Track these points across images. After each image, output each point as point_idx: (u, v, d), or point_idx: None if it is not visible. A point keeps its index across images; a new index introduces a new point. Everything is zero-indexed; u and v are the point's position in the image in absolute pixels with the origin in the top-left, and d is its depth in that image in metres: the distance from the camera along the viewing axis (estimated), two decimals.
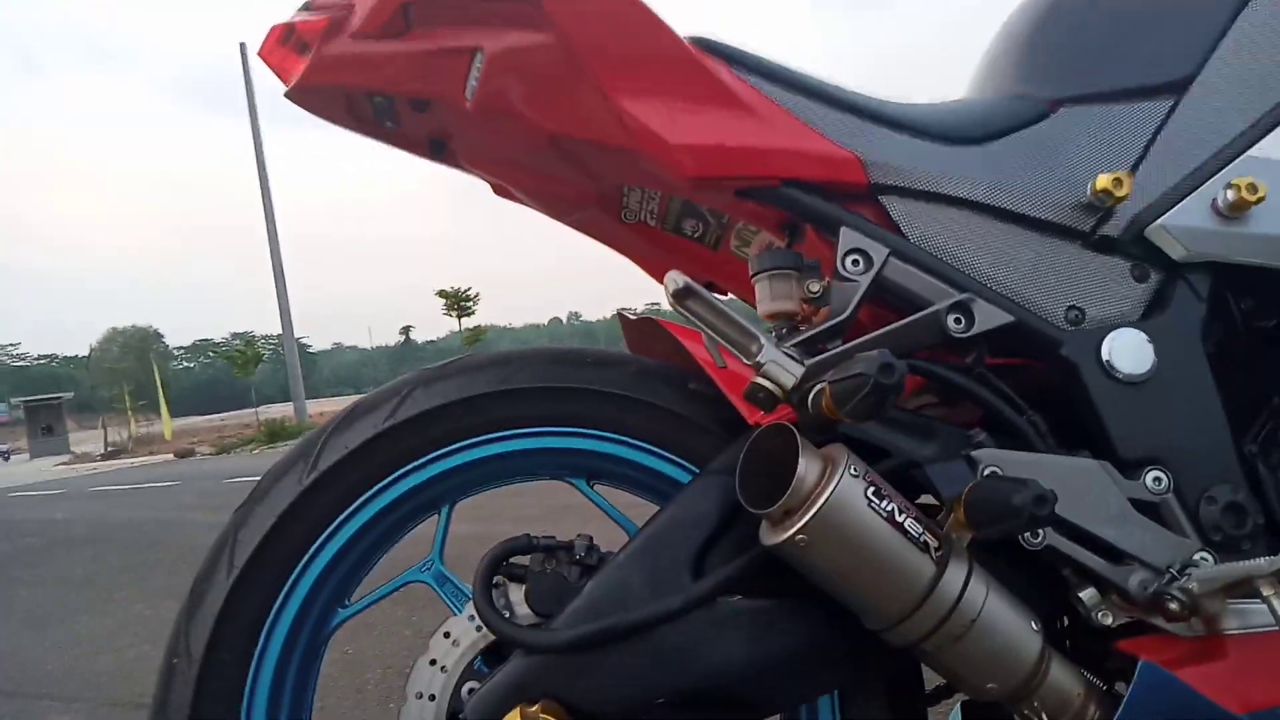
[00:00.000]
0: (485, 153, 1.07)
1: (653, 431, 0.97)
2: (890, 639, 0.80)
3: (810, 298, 0.93)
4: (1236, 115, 0.94)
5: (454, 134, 1.05)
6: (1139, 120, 0.97)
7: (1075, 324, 0.92)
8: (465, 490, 1.00)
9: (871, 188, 0.93)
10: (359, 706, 2.31)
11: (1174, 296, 0.93)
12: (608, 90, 0.89)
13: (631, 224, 1.15)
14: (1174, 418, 0.88)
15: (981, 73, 1.15)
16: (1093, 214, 0.93)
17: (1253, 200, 0.88)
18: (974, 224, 0.94)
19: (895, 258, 0.91)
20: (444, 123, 1.02)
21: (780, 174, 0.92)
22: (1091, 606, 0.84)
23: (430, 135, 1.08)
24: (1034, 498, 0.72)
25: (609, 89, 0.89)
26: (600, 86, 0.89)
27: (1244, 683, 0.83)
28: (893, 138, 0.95)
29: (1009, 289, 0.92)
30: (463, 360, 1.00)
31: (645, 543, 0.86)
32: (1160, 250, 0.93)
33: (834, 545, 0.75)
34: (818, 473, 0.76)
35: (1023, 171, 0.95)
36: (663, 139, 0.89)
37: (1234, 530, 0.85)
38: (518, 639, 0.81)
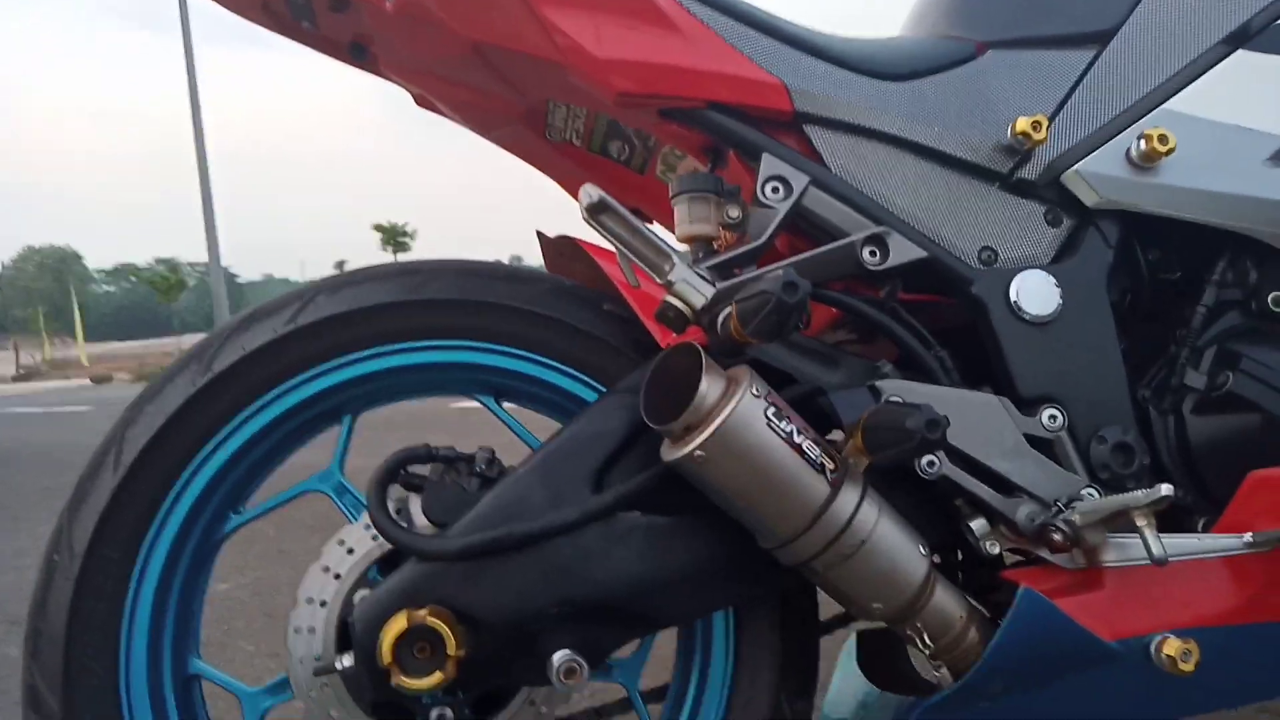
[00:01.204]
0: (406, 60, 1.03)
1: (564, 351, 0.96)
2: (782, 557, 0.81)
3: (729, 223, 0.92)
4: (1155, 68, 0.96)
5: (375, 38, 1.01)
6: (1062, 68, 0.98)
7: (988, 264, 0.93)
8: (369, 401, 0.98)
9: (796, 116, 0.92)
10: (267, 630, 2.28)
11: (1084, 242, 0.94)
12: (539, 6, 0.86)
13: (556, 143, 1.12)
14: (1074, 360, 0.90)
15: (915, 13, 1.14)
16: (1011, 156, 0.94)
17: (1163, 151, 0.89)
18: (895, 159, 0.94)
19: (815, 187, 0.91)
20: (364, 25, 0.98)
21: (705, 96, 0.90)
22: (981, 536, 0.87)
23: (352, 39, 1.04)
24: (926, 421, 0.73)
25: (541, 6, 0.86)
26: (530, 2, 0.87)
27: (1117, 613, 0.86)
28: (820, 68, 0.94)
29: (925, 225, 0.93)
30: (371, 268, 0.97)
31: (546, 457, 0.85)
32: (1074, 196, 0.94)
33: (731, 462, 0.76)
34: (720, 391, 0.76)
35: (946, 110, 0.95)
36: (588, 53, 0.87)
37: (1121, 469, 0.88)
38: (409, 545, 0.80)
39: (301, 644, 0.87)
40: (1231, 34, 0.95)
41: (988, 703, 0.86)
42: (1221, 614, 0.87)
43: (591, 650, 0.83)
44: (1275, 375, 0.89)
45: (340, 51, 1.05)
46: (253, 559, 3.00)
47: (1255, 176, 0.91)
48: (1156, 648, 0.85)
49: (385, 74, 1.07)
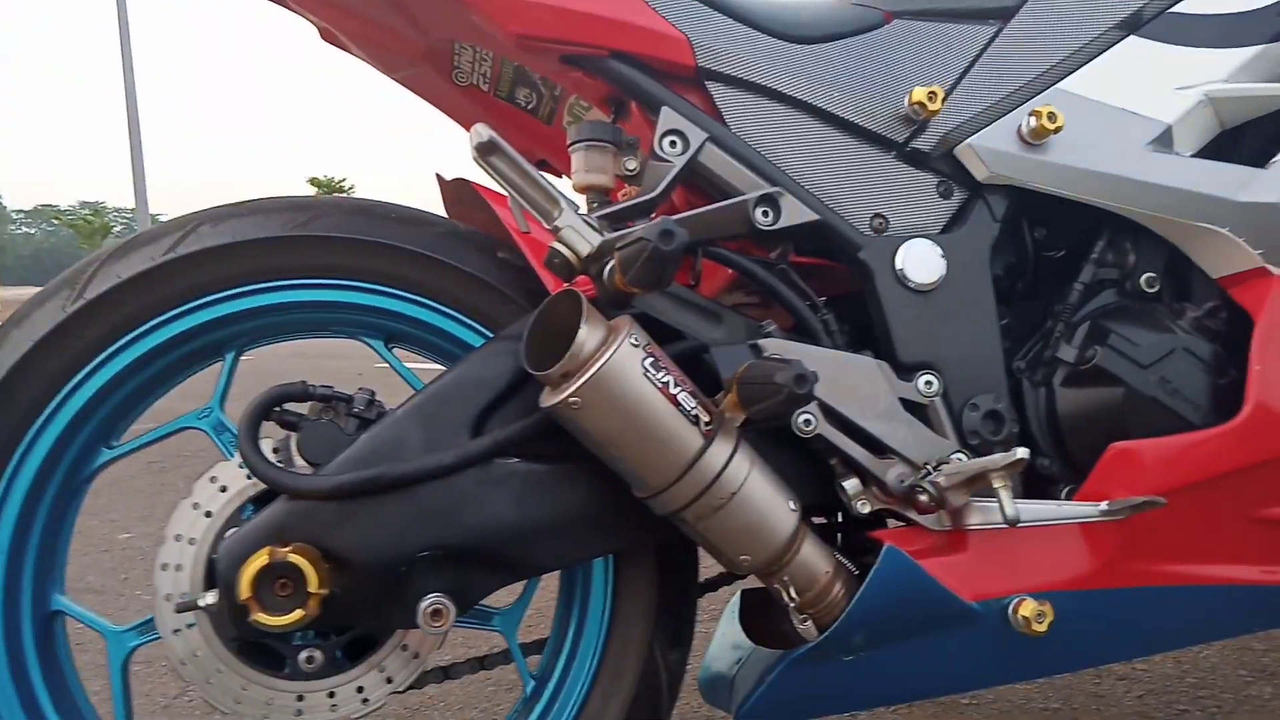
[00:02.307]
0: None
1: (455, 296, 0.94)
2: (655, 506, 0.82)
3: (626, 175, 0.92)
4: (1052, 48, 0.98)
5: None
6: (964, 42, 0.99)
7: (879, 230, 0.94)
8: (253, 338, 0.96)
9: (699, 71, 0.92)
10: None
11: (973, 215, 0.96)
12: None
13: (463, 86, 1.10)
14: (953, 329, 0.93)
15: None
16: (908, 126, 0.95)
17: (1051, 129, 0.92)
18: (795, 121, 0.95)
19: (713, 144, 0.91)
20: None
21: (608, 44, 0.90)
22: (853, 495, 0.89)
23: None
24: (795, 376, 0.74)
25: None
26: None
27: (978, 574, 0.89)
28: (727, 25, 0.94)
29: (819, 189, 0.94)
30: (260, 200, 0.95)
31: (426, 399, 0.84)
32: (966, 169, 0.96)
33: (606, 410, 0.76)
34: (598, 340, 0.76)
35: (848, 76, 0.96)
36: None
37: (990, 435, 0.91)
38: (278, 482, 0.79)
39: (168, 581, 0.85)
40: (1125, 20, 0.98)
41: (850, 657, 0.88)
42: (1076, 578, 0.91)
43: (462, 594, 0.83)
44: (1140, 352, 0.93)
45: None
46: (159, 509, 2.93)
47: (1137, 159, 0.94)
48: (1013, 609, 0.88)
49: (286, 2, 1.03)
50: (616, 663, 0.96)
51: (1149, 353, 0.93)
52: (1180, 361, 0.93)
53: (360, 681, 0.88)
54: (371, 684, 0.88)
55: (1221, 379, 0.94)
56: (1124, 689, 1.49)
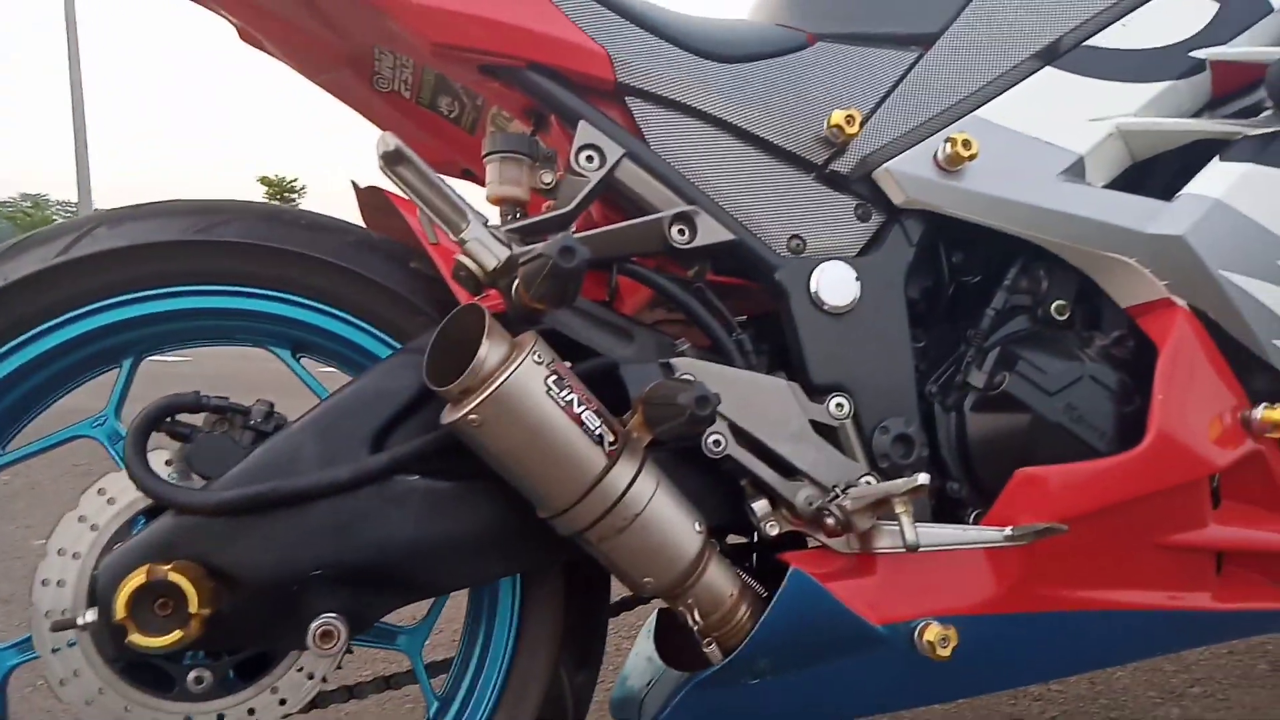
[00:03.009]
0: None
1: (363, 306, 0.92)
2: (558, 527, 0.80)
3: (542, 188, 0.91)
4: (971, 75, 0.99)
5: None
6: (886, 66, 1.00)
7: (796, 252, 0.94)
8: (152, 345, 0.92)
9: (618, 86, 0.91)
10: None
11: (889, 238, 0.97)
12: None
13: (385, 93, 1.08)
14: (865, 351, 0.93)
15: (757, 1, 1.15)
16: (827, 148, 0.95)
17: (966, 156, 0.92)
18: (715, 140, 0.94)
19: (630, 160, 0.90)
20: None
21: (526, 56, 0.89)
22: (762, 517, 0.88)
23: None
24: (697, 398, 0.74)
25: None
26: None
27: (885, 598, 0.89)
28: (648, 40, 0.93)
29: (737, 209, 0.93)
30: (163, 203, 0.92)
31: (325, 413, 0.82)
32: (884, 193, 0.96)
33: (506, 428, 0.74)
34: (500, 356, 0.75)
35: (769, 97, 0.96)
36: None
37: (900, 459, 0.91)
38: (163, 496, 0.76)
39: (48, 597, 0.81)
40: (1042, 50, 0.99)
41: (756, 680, 0.88)
42: (982, 602, 0.91)
43: (357, 615, 0.81)
44: (1047, 379, 0.94)
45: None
46: None
47: (1049, 188, 0.95)
48: (919, 633, 0.88)
49: (205, 2, 1.00)
50: (521, 684, 0.94)
51: (1056, 380, 0.94)
52: (1086, 389, 0.94)
53: (252, 703, 0.84)
54: (264, 705, 0.85)
55: (1127, 407, 0.95)
56: (1039, 709, 1.51)
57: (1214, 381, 0.95)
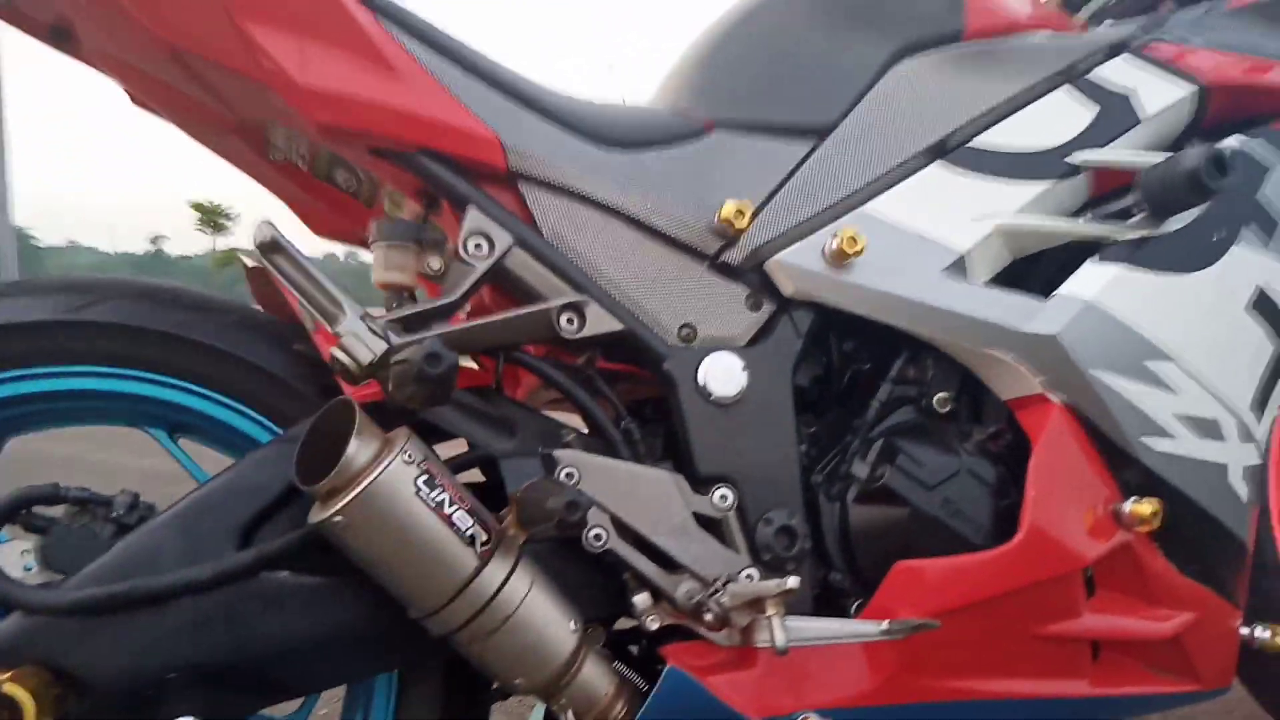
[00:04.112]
0: (109, 52, 0.95)
1: (243, 389, 0.90)
2: (430, 627, 0.79)
3: (430, 274, 0.90)
4: (862, 169, 1.01)
5: (75, 23, 0.93)
6: (780, 157, 1.02)
7: (687, 341, 0.95)
8: (21, 425, 0.89)
9: (510, 173, 0.91)
10: None
11: (779, 329, 0.98)
12: (234, 11, 0.82)
13: (279, 163, 1.06)
14: (751, 442, 0.93)
15: (660, 84, 1.16)
16: (719, 239, 0.97)
17: (852, 252, 0.94)
18: (607, 228, 0.95)
19: (520, 247, 0.90)
20: (63, 8, 0.90)
21: (416, 141, 0.88)
22: (642, 611, 0.88)
23: (54, 20, 0.95)
24: (567, 503, 0.73)
25: (235, 9, 0.82)
26: (231, 14, 0.82)
27: (764, 692, 0.89)
28: (541, 127, 0.94)
29: (629, 297, 0.94)
30: (34, 280, 0.89)
31: (191, 506, 0.80)
32: (775, 284, 0.98)
33: (372, 530, 0.73)
34: (370, 454, 0.74)
35: (664, 185, 0.97)
36: (290, 77, 0.83)
37: (783, 551, 0.92)
38: (8, 596, 0.73)
39: None
40: (931, 146, 1.02)
41: None
42: (859, 695, 0.92)
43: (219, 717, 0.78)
44: (925, 472, 0.96)
45: (41, 32, 0.96)
46: None
47: (932, 285, 0.97)
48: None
49: (92, 63, 0.98)
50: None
51: (934, 474, 0.96)
52: (963, 483, 0.96)
53: None
54: None
55: (1003, 501, 0.97)
56: None
57: (1086, 476, 0.97)
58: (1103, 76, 1.05)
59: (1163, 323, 0.98)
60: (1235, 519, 1.03)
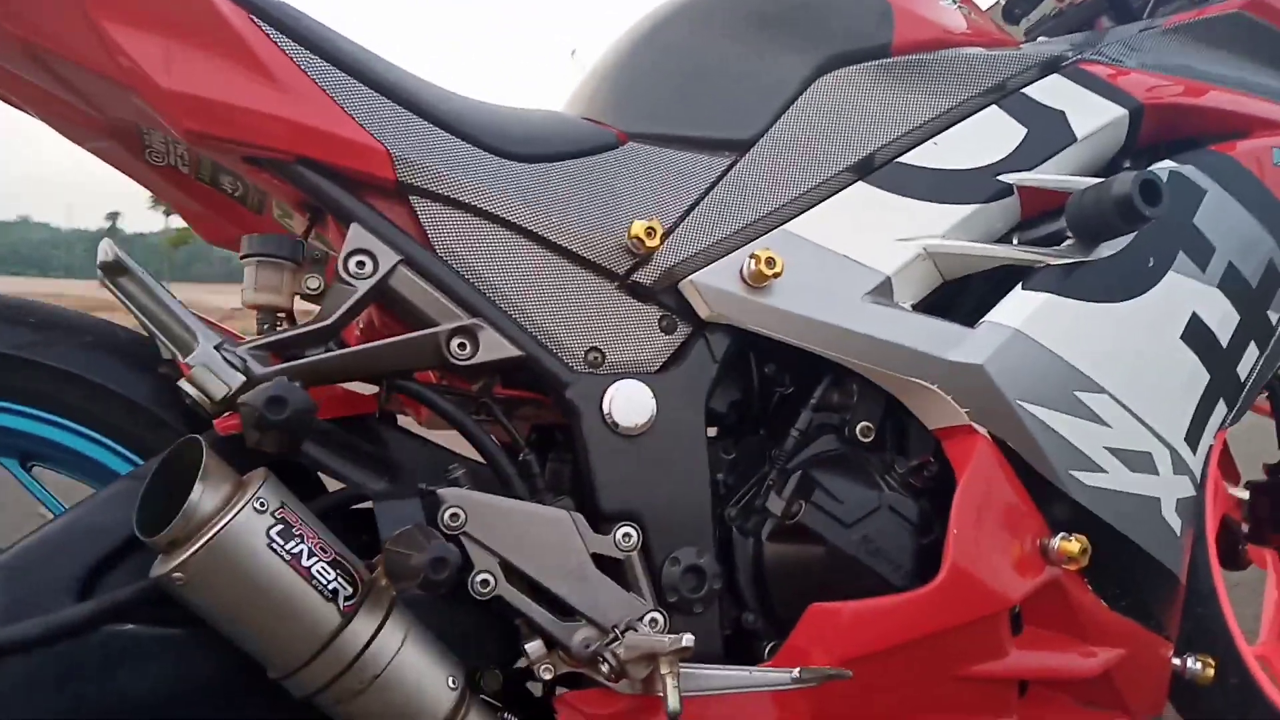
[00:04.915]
0: None
1: (98, 417, 0.82)
2: (290, 688, 0.72)
3: (308, 294, 0.83)
4: (783, 186, 0.95)
5: None
6: (698, 172, 0.95)
7: (594, 365, 0.88)
8: None
9: (400, 185, 0.84)
10: None
11: (694, 352, 0.92)
12: (90, 6, 0.74)
13: (160, 167, 0.98)
14: (658, 477, 0.87)
15: (574, 91, 1.10)
16: (630, 257, 0.90)
17: (770, 274, 0.88)
18: (508, 245, 0.88)
19: (407, 266, 0.83)
20: None
21: (294, 150, 0.81)
22: (536, 659, 0.81)
23: None
24: (431, 560, 0.67)
25: (91, 5, 0.74)
26: (85, 5, 0.74)
27: None
28: (436, 137, 0.87)
29: (529, 320, 0.87)
30: None
31: (24, 553, 0.72)
32: (690, 305, 0.91)
33: (219, 587, 0.66)
34: (217, 502, 0.66)
35: (571, 201, 0.90)
36: (153, 81, 0.76)
37: (690, 593, 0.86)
38: None
39: None
40: (856, 164, 0.96)
41: None
42: None
43: None
44: (843, 509, 0.90)
45: None
46: None
47: (855, 309, 0.91)
48: None
49: None
50: None
51: (852, 511, 0.90)
52: (883, 521, 0.91)
53: None
54: None
55: (925, 539, 0.92)
56: None
57: (1012, 512, 0.92)
58: (1035, 95, 1.00)
59: (1094, 353, 0.93)
60: (1168, 552, 0.99)
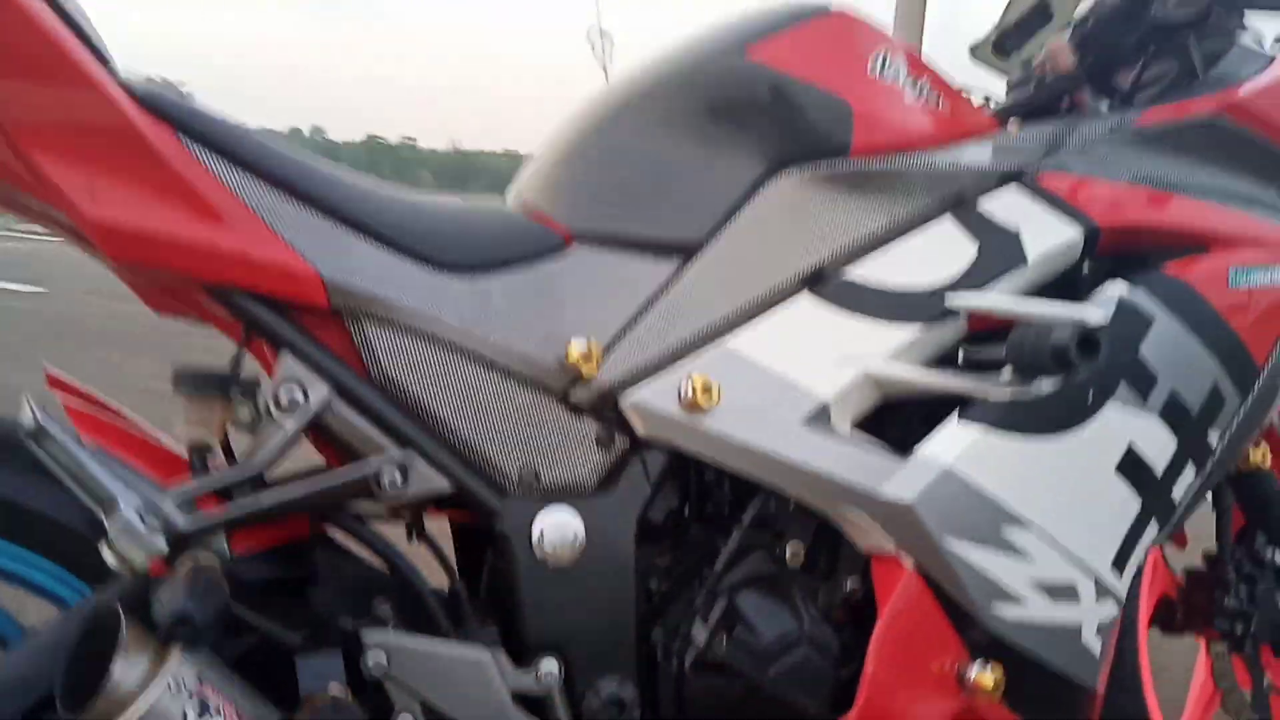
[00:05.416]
0: None
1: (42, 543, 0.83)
2: None
3: (241, 426, 0.83)
4: (727, 297, 0.94)
5: None
6: (641, 281, 0.94)
7: (529, 486, 0.89)
8: None
9: (333, 309, 0.83)
10: None
11: (629, 471, 0.92)
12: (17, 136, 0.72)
13: None
14: (584, 608, 0.88)
15: (521, 178, 1.06)
16: (568, 376, 0.90)
17: (705, 406, 0.88)
18: (445, 367, 0.88)
19: (339, 397, 0.83)
20: None
21: (222, 277, 0.80)
22: None
23: None
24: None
25: (18, 134, 0.72)
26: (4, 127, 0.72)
27: None
28: (371, 253, 0.86)
29: (464, 442, 0.87)
30: None
31: None
32: (628, 421, 0.92)
33: None
34: (137, 679, 0.68)
35: (509, 316, 0.89)
36: (78, 208, 0.75)
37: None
38: None
39: None
40: (803, 274, 0.95)
41: None
42: None
43: None
44: (763, 643, 0.90)
45: None
46: None
47: (790, 436, 0.91)
48: None
49: None
50: None
51: (773, 645, 0.91)
52: (804, 653, 0.92)
53: None
54: None
55: (846, 669, 0.94)
56: None
57: (931, 643, 0.94)
58: (990, 209, 0.98)
59: (1024, 489, 0.94)
60: (1086, 673, 1.00)
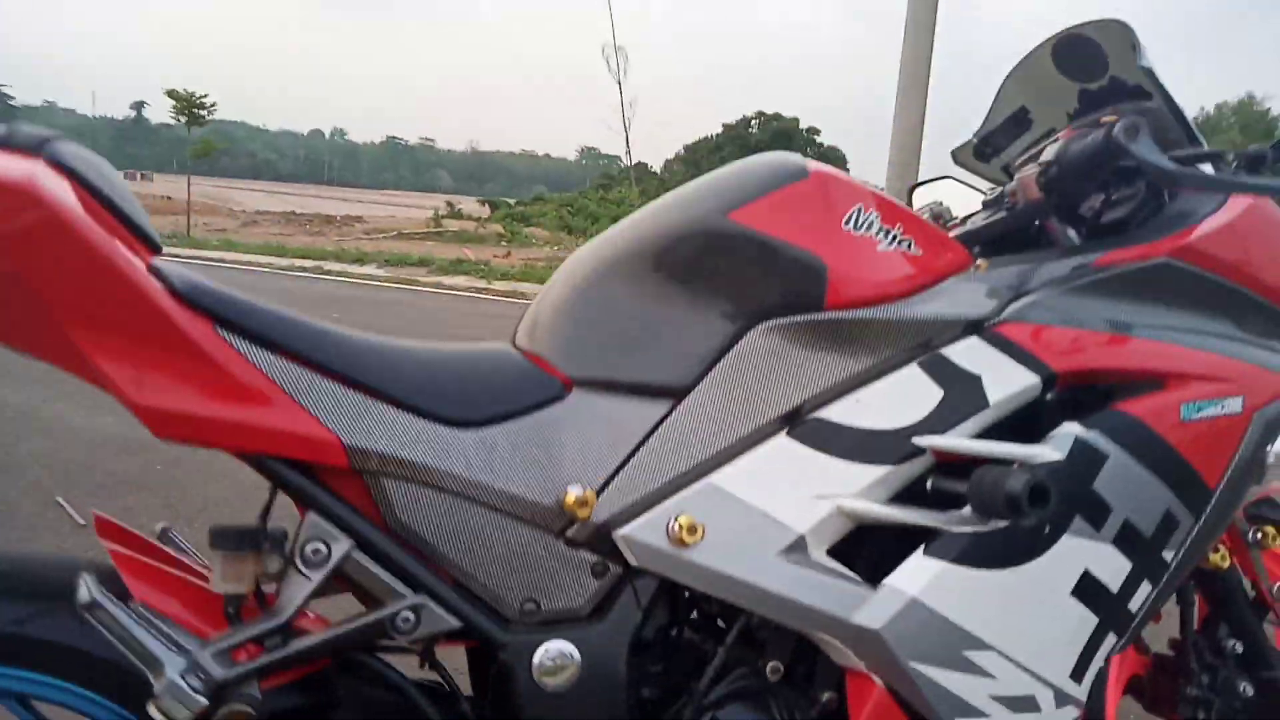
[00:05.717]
0: None
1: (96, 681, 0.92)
2: None
3: (270, 576, 0.93)
4: (712, 437, 1.03)
5: None
6: (634, 422, 1.03)
7: (530, 616, 0.98)
8: None
9: (353, 469, 0.93)
10: None
11: (623, 597, 1.01)
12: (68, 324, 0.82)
13: None
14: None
15: (531, 320, 1.15)
16: (567, 516, 0.99)
17: (690, 541, 0.97)
18: (454, 512, 0.97)
19: (360, 550, 0.93)
20: None
21: (259, 449, 0.90)
22: None
23: None
24: None
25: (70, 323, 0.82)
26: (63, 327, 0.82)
27: None
28: (385, 414, 0.95)
29: (471, 580, 0.97)
30: None
31: None
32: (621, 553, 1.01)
33: None
34: None
35: (512, 464, 0.98)
36: (127, 396, 0.84)
37: None
38: None
39: None
40: (781, 416, 1.04)
41: None
42: None
43: None
44: None
45: None
46: None
47: (769, 567, 1.00)
48: None
49: None
50: None
51: None
52: None
53: None
54: None
55: None
56: None
57: None
58: (954, 357, 1.06)
59: (984, 615, 1.02)
60: None
